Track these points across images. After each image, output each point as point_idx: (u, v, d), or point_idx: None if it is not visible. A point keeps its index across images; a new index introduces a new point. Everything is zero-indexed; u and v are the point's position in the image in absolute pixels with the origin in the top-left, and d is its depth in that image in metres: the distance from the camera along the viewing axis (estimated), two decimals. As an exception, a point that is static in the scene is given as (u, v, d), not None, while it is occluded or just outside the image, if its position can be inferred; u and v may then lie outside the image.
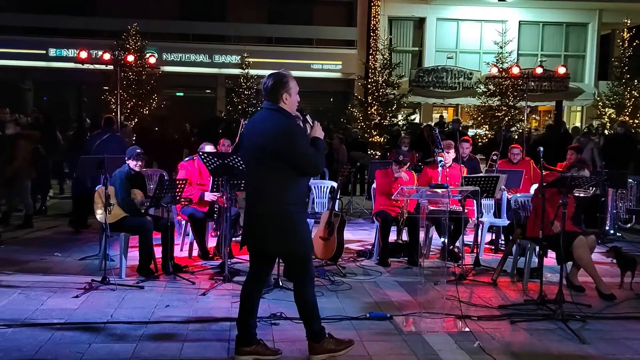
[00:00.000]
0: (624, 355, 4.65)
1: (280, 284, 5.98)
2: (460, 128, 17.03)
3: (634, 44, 23.04)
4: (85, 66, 15.62)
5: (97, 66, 15.97)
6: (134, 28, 21.35)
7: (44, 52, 23.08)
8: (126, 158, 6.76)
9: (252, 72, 22.68)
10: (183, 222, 7.65)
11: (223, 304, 5.64)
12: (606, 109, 23.16)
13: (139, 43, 21.32)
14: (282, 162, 4.11)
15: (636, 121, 22.37)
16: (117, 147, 8.61)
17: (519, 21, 24.89)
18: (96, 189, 6.67)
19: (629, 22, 23.20)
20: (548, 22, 25.26)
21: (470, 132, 21.06)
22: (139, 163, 6.75)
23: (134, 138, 14.45)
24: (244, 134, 4.42)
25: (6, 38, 22.45)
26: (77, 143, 11.49)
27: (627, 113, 22.64)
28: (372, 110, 22.21)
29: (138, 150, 6.81)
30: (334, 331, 4.91)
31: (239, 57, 23.09)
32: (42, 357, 4.32)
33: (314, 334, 4.36)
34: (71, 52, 21.81)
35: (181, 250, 7.64)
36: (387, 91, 22.16)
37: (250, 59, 22.74)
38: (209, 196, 7.26)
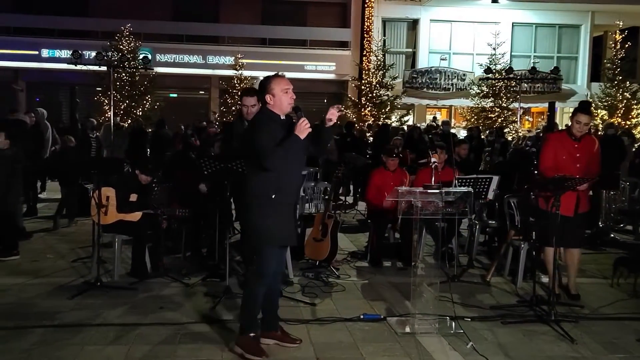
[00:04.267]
0: (616, 355, 4.67)
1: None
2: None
3: (626, 45, 23.22)
4: (79, 67, 15.57)
5: (90, 67, 15.93)
6: (128, 29, 21.32)
7: (37, 52, 23.00)
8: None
9: (246, 73, 22.68)
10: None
11: (217, 305, 5.62)
12: (599, 111, 23.29)
13: (132, 44, 21.30)
14: (250, 156, 4.38)
15: (628, 123, 22.49)
16: None
17: (512, 22, 24.98)
18: (90, 190, 6.65)
19: (621, 24, 23.33)
20: (541, 24, 25.36)
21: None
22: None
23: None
24: None
25: (-1, 39, 22.41)
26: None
27: (620, 114, 22.77)
28: (366, 111, 22.30)
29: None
30: (327, 332, 4.93)
31: (233, 58, 23.07)
32: (35, 359, 4.31)
33: (240, 326, 4.54)
34: (64, 53, 21.73)
35: (174, 251, 7.61)
36: (380, 92, 22.25)
37: (244, 60, 22.73)
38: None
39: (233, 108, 22.22)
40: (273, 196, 4.25)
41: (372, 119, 21.67)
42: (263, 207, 4.30)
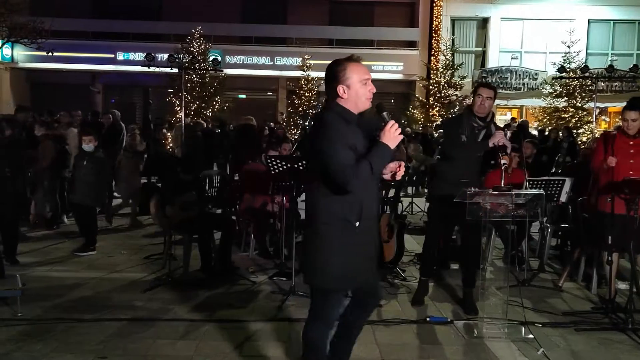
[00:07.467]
0: (700, 368, 4.44)
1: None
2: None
3: None
4: (152, 69, 16.08)
5: (163, 69, 16.41)
6: (198, 32, 21.86)
7: (113, 55, 23.91)
8: None
9: (313, 74, 22.82)
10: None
11: (283, 304, 5.68)
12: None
13: (202, 46, 21.82)
14: (317, 170, 3.20)
15: None
16: None
17: (588, 19, 24.13)
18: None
19: None
20: (619, 20, 24.37)
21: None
22: None
23: None
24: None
25: (77, 43, 23.41)
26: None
27: None
28: (434, 111, 22.04)
29: None
30: (393, 334, 4.89)
31: (300, 59, 23.26)
32: (110, 351, 4.47)
33: None
34: (138, 56, 22.51)
35: (241, 250, 7.75)
36: (449, 92, 21.95)
37: (311, 61, 22.87)
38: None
39: (300, 109, 22.40)
40: (357, 224, 3.18)
41: (440, 119, 21.39)
42: (334, 240, 3.20)
